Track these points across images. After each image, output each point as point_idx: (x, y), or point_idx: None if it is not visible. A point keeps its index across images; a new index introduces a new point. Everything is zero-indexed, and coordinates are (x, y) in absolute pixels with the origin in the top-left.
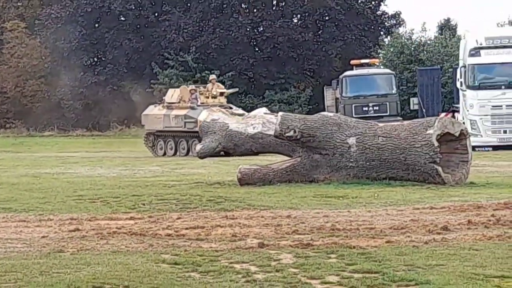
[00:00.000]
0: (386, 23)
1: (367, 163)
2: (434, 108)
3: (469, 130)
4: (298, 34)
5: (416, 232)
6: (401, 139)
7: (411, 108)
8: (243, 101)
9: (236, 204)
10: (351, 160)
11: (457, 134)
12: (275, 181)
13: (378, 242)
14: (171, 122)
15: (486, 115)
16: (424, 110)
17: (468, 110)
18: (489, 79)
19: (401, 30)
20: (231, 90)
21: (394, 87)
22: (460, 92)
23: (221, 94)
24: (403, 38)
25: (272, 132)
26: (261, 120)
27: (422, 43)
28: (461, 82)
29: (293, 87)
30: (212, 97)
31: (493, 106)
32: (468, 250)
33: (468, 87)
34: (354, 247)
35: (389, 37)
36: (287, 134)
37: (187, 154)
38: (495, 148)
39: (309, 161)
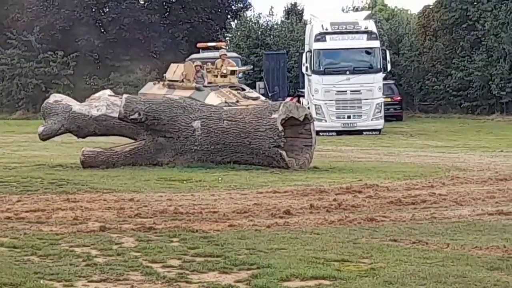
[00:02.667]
0: (233, 7)
1: (212, 147)
2: (280, 92)
3: (314, 115)
4: (144, 16)
5: (259, 216)
6: (246, 123)
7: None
8: (88, 83)
9: (78, 187)
10: (195, 143)
11: (301, 119)
12: (118, 164)
13: (220, 226)
14: None
15: (331, 100)
16: (270, 94)
17: (313, 95)
18: (334, 64)
19: (248, 14)
20: (244, 68)
21: None
22: (306, 77)
23: (232, 72)
24: (250, 22)
25: (116, 115)
26: (105, 102)
27: (269, 28)
28: (306, 67)
29: (139, 69)
30: (222, 76)
31: (337, 91)
32: (309, 234)
33: (314, 72)
34: (196, 231)
35: (236, 20)
36: (131, 117)
37: None
38: (339, 133)
39: (154, 144)
